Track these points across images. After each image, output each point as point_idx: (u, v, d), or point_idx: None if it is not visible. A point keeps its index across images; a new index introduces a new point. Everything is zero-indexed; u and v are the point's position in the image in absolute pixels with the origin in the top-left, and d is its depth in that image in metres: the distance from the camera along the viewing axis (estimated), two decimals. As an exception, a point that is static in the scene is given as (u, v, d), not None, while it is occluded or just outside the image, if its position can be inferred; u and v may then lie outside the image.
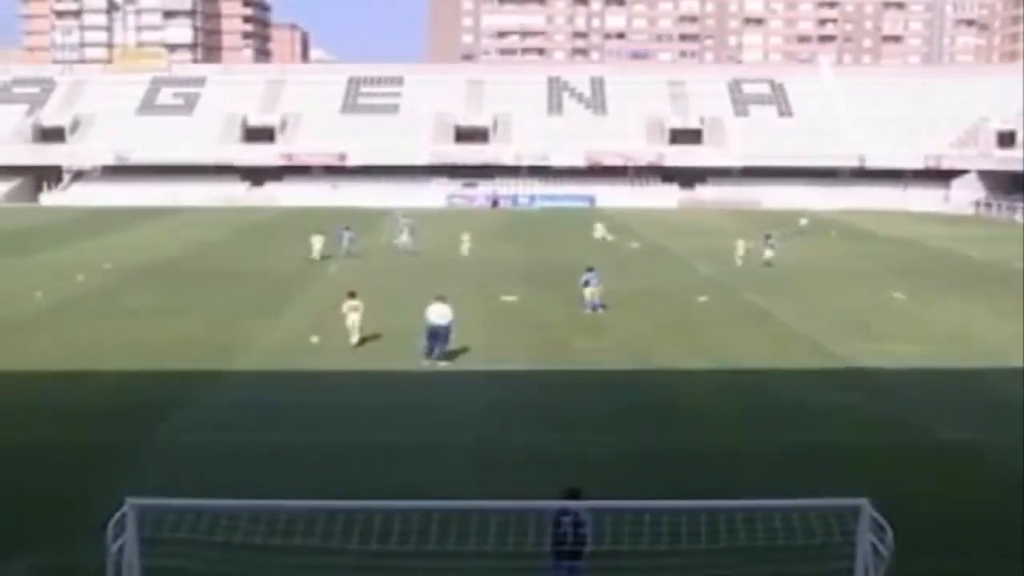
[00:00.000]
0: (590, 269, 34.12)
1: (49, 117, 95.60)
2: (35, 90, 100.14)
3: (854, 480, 16.04)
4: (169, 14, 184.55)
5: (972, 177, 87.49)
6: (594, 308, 32.98)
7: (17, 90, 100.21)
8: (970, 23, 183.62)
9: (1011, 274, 43.03)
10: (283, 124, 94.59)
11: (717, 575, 11.93)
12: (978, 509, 15.83)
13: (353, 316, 27.43)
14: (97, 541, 11.07)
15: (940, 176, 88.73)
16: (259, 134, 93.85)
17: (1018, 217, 76.00)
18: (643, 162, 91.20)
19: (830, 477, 16.82)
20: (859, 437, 19.57)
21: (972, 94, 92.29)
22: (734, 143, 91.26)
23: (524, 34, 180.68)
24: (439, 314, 25.43)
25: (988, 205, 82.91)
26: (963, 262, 48.71)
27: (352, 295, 27.83)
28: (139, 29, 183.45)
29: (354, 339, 27.35)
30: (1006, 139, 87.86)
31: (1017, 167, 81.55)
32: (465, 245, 49.70)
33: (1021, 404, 21.55)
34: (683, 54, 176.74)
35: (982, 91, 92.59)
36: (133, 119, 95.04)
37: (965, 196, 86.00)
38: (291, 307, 34.23)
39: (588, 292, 33.24)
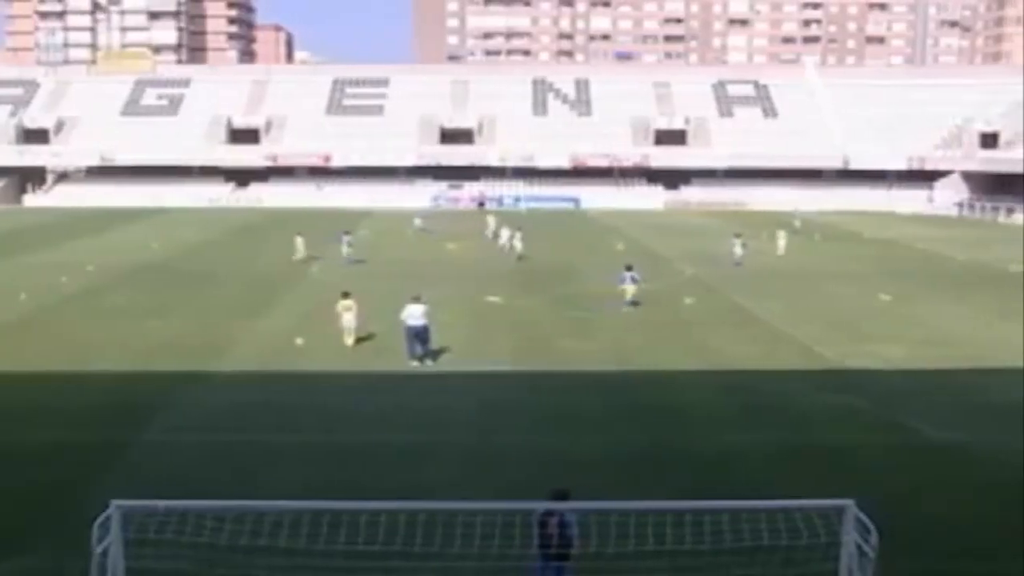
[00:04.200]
0: (628, 268, 34.49)
1: (33, 118, 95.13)
2: (19, 91, 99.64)
3: (842, 481, 16.09)
4: (153, 15, 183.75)
5: (956, 178, 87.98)
6: (633, 304, 33.48)
7: (0, 91, 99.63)
8: (953, 24, 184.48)
9: (996, 275, 43.23)
10: (268, 125, 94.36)
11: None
12: (966, 510, 15.86)
13: (347, 316, 27.33)
14: (85, 543, 11.00)
15: (924, 177, 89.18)
16: (244, 135, 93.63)
17: (1001, 218, 76.42)
18: (628, 163, 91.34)
19: (818, 478, 16.84)
20: (847, 438, 19.58)
21: (955, 95, 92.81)
22: (719, 144, 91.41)
23: (509, 35, 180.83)
24: (414, 315, 25.42)
25: (971, 206, 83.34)
26: (948, 263, 48.86)
27: (346, 295, 27.73)
28: (123, 30, 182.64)
29: (348, 340, 27.27)
30: (989, 140, 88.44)
31: (1000, 168, 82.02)
32: (511, 239, 49.89)
33: (1008, 405, 21.65)
34: (668, 55, 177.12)
35: (965, 92, 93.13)
36: (117, 120, 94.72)
37: (948, 197, 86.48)
38: (276, 308, 34.08)
39: (628, 291, 33.64)
